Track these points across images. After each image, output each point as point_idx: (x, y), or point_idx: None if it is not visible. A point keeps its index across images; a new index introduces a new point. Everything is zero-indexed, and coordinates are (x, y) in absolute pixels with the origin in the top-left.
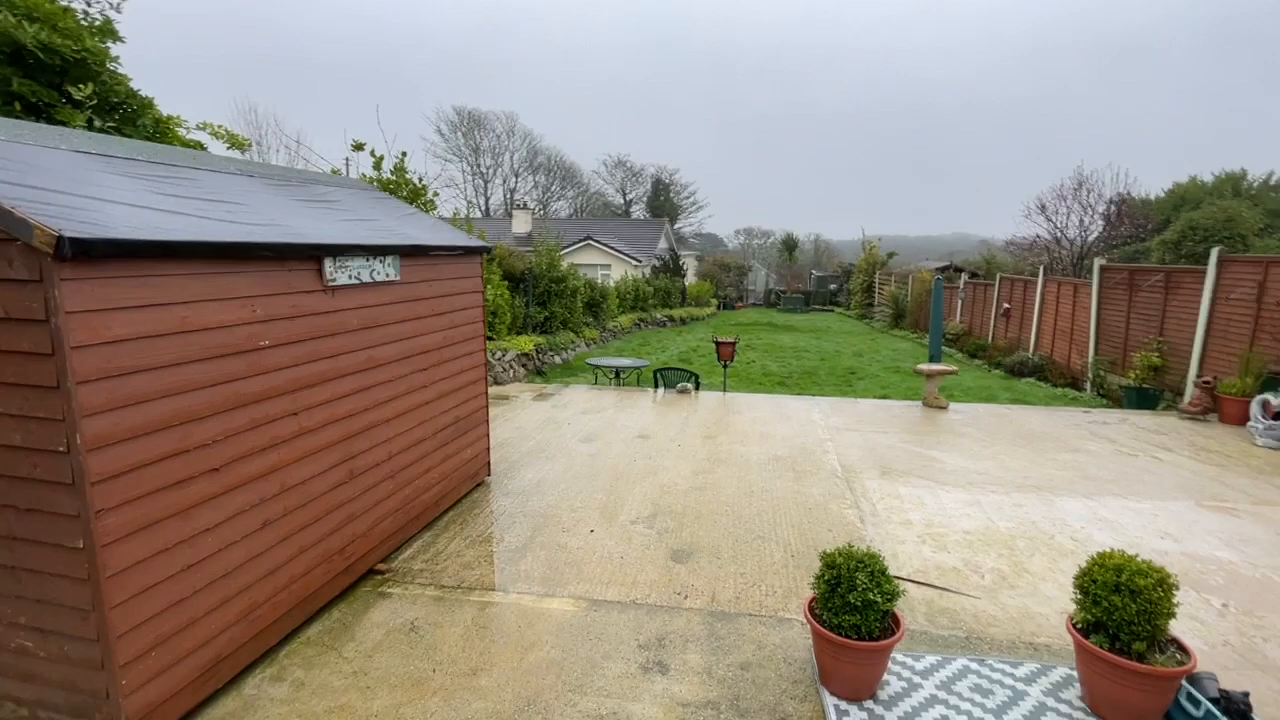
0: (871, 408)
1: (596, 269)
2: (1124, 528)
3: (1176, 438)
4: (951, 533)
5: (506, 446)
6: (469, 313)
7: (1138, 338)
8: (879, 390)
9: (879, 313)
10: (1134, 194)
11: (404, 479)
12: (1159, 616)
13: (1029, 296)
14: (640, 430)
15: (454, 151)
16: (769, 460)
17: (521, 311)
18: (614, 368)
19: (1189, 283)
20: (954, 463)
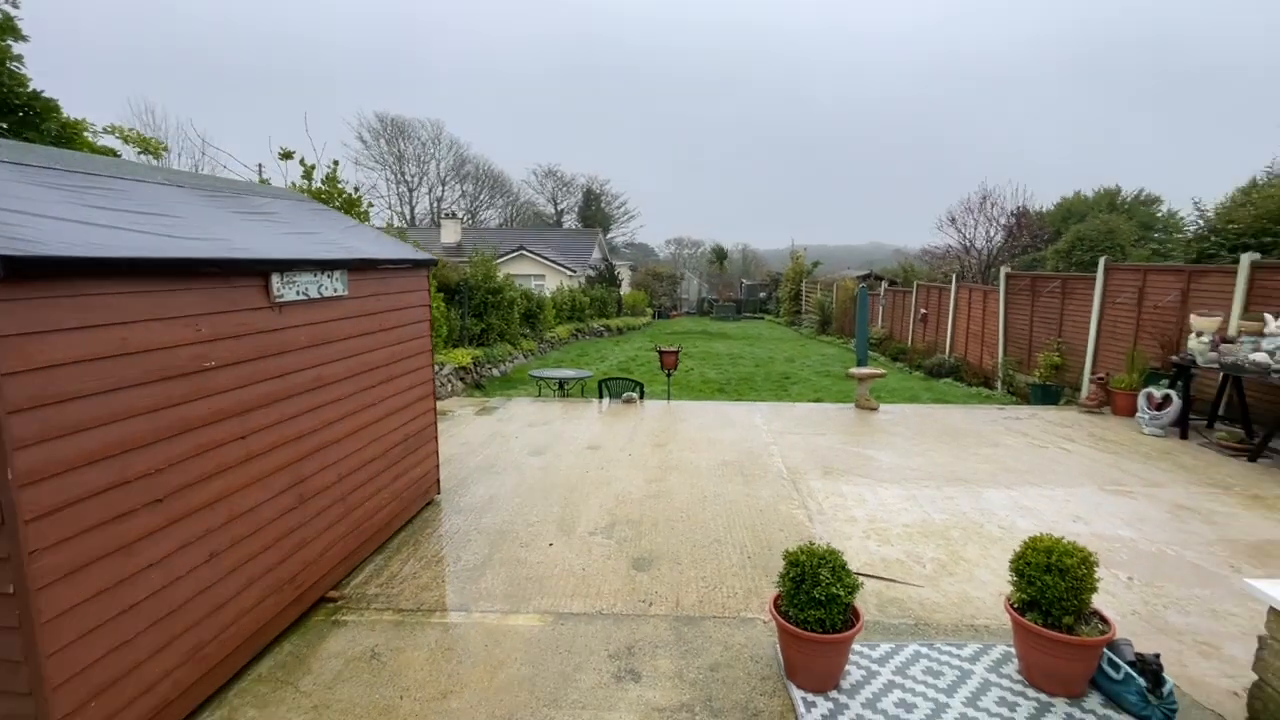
0: (808, 411)
1: (530, 279)
2: (1041, 514)
3: (1078, 430)
4: (893, 527)
5: (454, 463)
6: (416, 327)
7: (1040, 339)
8: (813, 394)
9: (807, 319)
10: (1031, 207)
11: (355, 501)
12: (1084, 592)
13: (944, 302)
14: (590, 441)
15: (377, 159)
16: (718, 465)
17: (458, 324)
18: (558, 379)
19: (1082, 289)
20: (888, 460)
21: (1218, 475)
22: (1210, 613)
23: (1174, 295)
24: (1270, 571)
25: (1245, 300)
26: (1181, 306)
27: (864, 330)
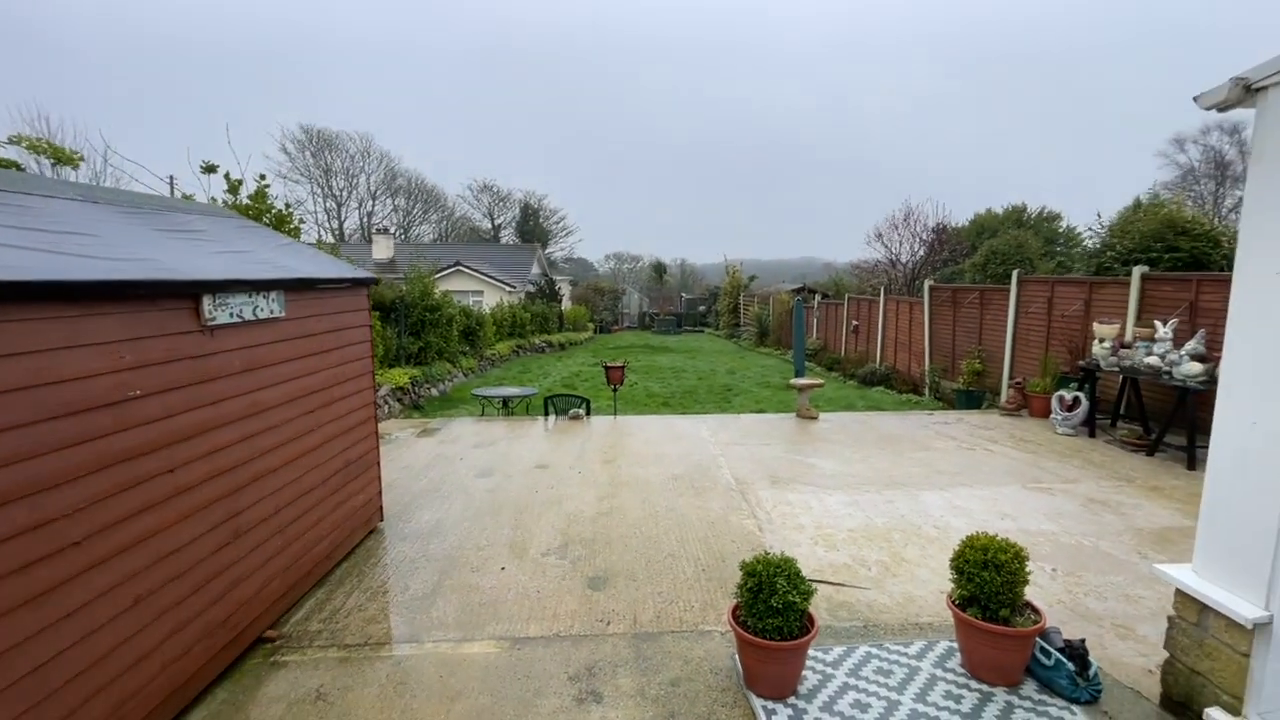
0: (752, 421)
1: (469, 295)
2: (973, 513)
3: (1000, 432)
4: (839, 532)
5: (396, 488)
6: (357, 349)
7: (962, 347)
8: (754, 405)
9: (745, 332)
10: (949, 223)
11: (294, 533)
12: (1018, 585)
13: (873, 314)
14: (538, 460)
15: (302, 171)
16: (669, 479)
17: (394, 343)
18: (501, 397)
19: (998, 300)
20: (831, 468)
21: (1122, 469)
22: (1124, 597)
23: (1078, 305)
24: (1172, 556)
25: (1138, 308)
26: (1085, 315)
27: (801, 342)
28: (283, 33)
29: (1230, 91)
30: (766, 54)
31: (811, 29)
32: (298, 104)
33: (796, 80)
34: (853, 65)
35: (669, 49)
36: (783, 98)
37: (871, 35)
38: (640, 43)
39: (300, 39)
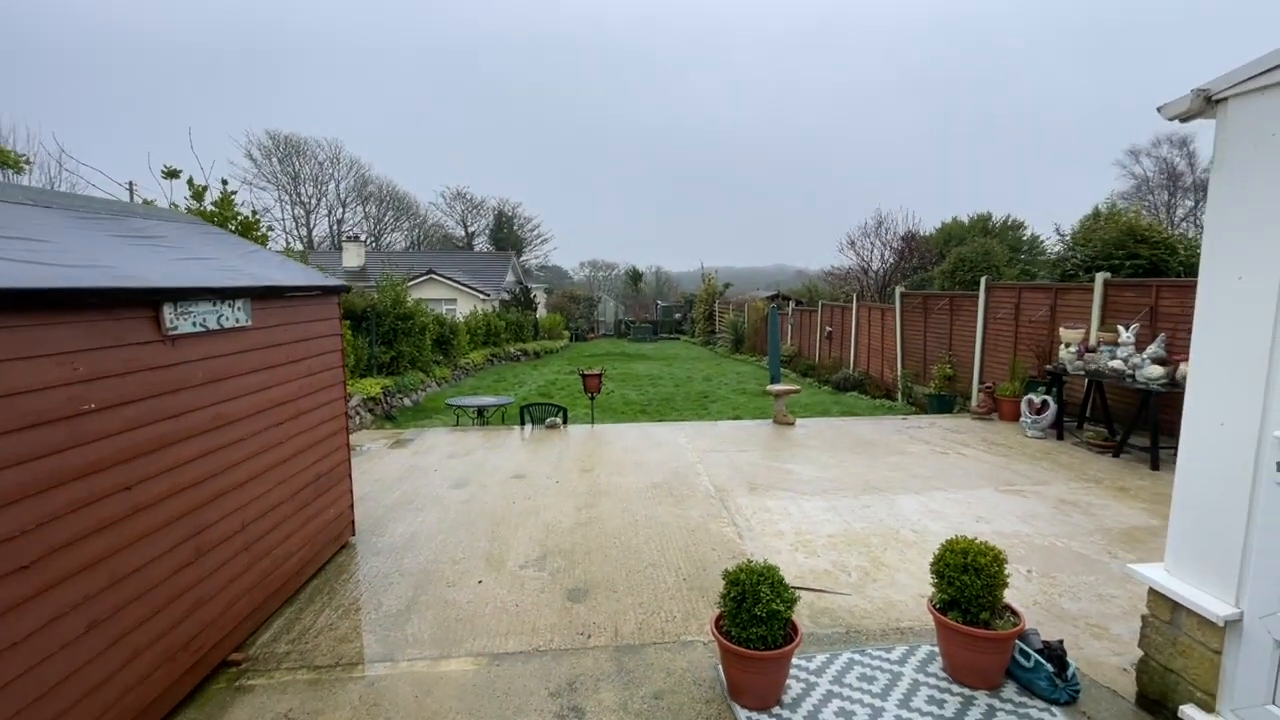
0: (730, 428)
1: (442, 304)
2: (948, 516)
3: (971, 435)
4: (818, 538)
5: (368, 501)
6: (327, 358)
7: (934, 353)
8: (731, 412)
9: (721, 339)
10: (919, 231)
11: (261, 550)
12: (997, 588)
13: (847, 320)
14: (514, 470)
15: (269, 178)
16: (647, 488)
17: (365, 352)
18: (476, 407)
19: (967, 306)
20: (808, 473)
21: (1090, 471)
22: (1097, 597)
23: (1044, 310)
24: (1141, 555)
25: (1101, 313)
26: (1051, 320)
27: (776, 349)
28: (242, 35)
29: (1192, 103)
30: (732, 59)
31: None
32: (262, 109)
33: (767, 89)
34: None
35: (634, 56)
36: (749, 107)
37: (829, 46)
38: (604, 50)
39: (262, 42)
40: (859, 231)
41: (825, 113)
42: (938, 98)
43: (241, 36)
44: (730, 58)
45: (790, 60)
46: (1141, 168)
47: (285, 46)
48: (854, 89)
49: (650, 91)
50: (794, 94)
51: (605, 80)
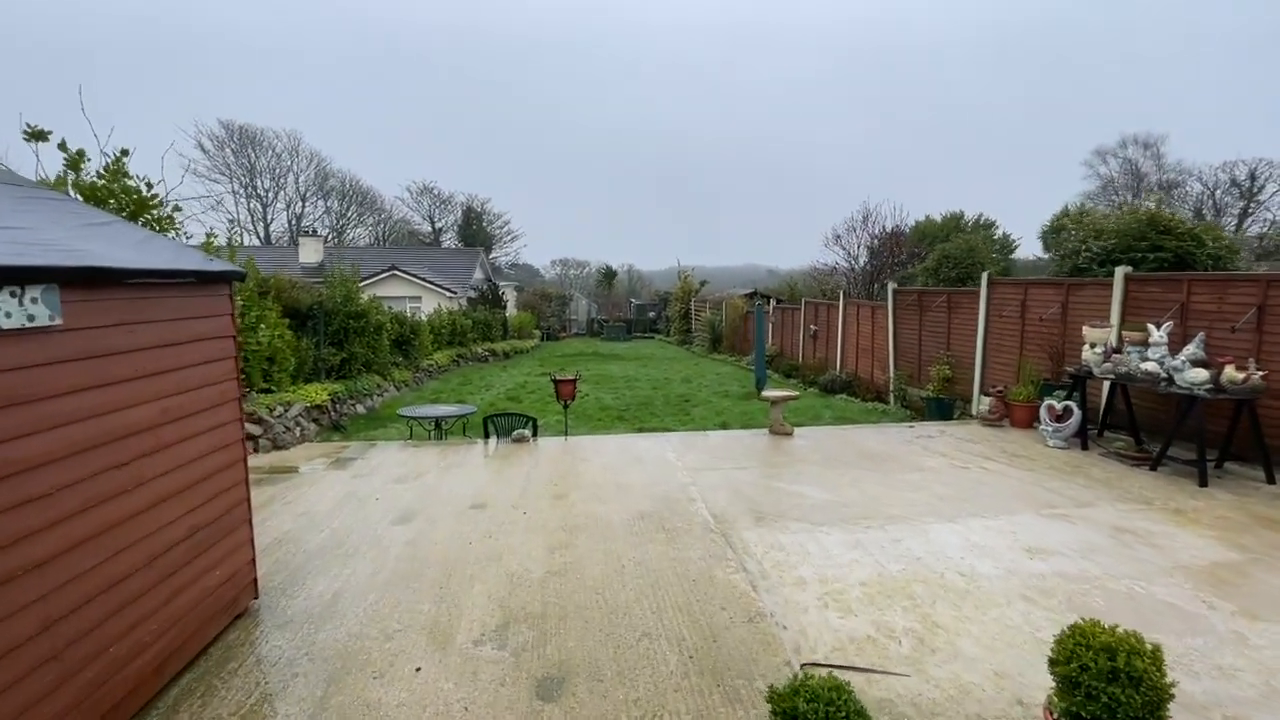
0: (722, 440)
1: (405, 301)
2: (996, 552)
3: (988, 446)
4: (849, 588)
5: (287, 545)
6: (211, 369)
7: (929, 353)
8: (716, 417)
9: (698, 338)
10: (906, 226)
11: (85, 652)
12: (1163, 705)
13: (833, 319)
14: (474, 497)
15: (222, 170)
16: (634, 519)
17: (311, 354)
18: (432, 418)
19: (967, 303)
20: (819, 496)
21: (1132, 488)
22: (1218, 671)
23: (1055, 308)
24: (1242, 604)
25: (1122, 311)
26: (1063, 318)
27: (762, 350)
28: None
29: None
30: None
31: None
32: (213, 102)
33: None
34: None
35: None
36: (711, 105)
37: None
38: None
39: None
40: (844, 226)
41: (788, 111)
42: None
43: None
44: (681, 58)
45: (739, 57)
46: (1108, 168)
47: (238, 42)
48: (802, 87)
49: (613, 89)
50: (749, 91)
51: (563, 80)
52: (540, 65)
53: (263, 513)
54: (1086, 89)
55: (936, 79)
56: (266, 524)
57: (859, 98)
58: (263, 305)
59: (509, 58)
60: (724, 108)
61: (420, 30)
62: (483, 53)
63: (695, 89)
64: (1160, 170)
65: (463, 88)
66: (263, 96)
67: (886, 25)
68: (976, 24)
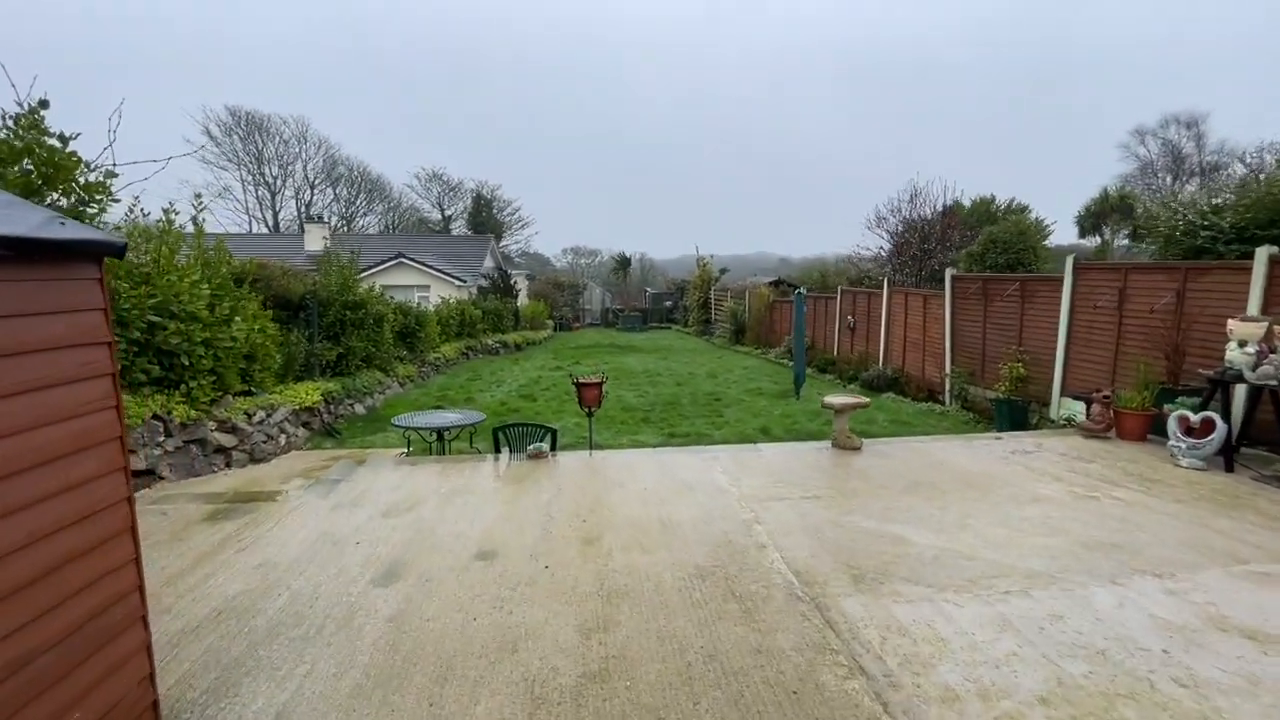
0: (779, 457)
1: (413, 290)
2: (1204, 638)
3: (1107, 465)
4: (1026, 710)
5: (229, 620)
6: (58, 397)
7: (996, 348)
8: (752, 419)
9: (719, 329)
10: (963, 204)
11: None
12: None
13: (874, 309)
14: (480, 540)
15: (229, 157)
16: (691, 578)
17: (302, 349)
18: (433, 428)
19: (1045, 291)
20: (926, 541)
21: None
22: None
23: (1169, 297)
24: None
25: (1264, 300)
26: (1177, 309)
27: (802, 344)
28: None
29: None
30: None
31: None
32: (217, 84)
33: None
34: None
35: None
36: (724, 90)
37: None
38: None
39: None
40: (888, 208)
41: (798, 97)
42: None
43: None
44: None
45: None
46: (1147, 149)
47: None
48: (808, 74)
49: (631, 79)
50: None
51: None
52: (551, 53)
53: (208, 565)
54: (1105, 66)
55: (944, 61)
56: (209, 584)
57: (872, 85)
58: (238, 295)
59: (520, 43)
60: (730, 92)
61: (428, 14)
62: (493, 39)
63: (697, 73)
64: (1201, 151)
65: (471, 72)
66: (265, 82)
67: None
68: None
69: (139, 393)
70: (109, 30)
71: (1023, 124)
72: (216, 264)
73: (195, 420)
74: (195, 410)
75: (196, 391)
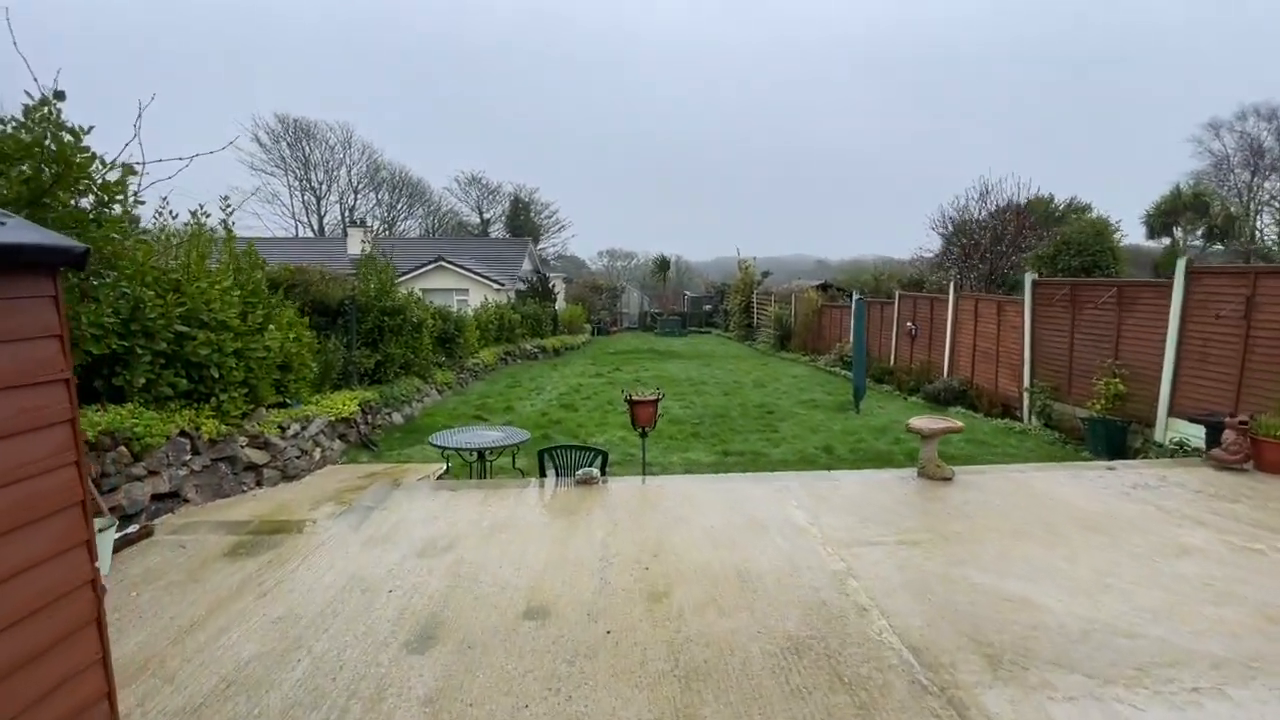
0: (859, 488)
1: (452, 294)
2: None
3: (1256, 506)
4: None
5: (236, 696)
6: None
7: (1086, 360)
8: (811, 436)
9: (761, 334)
10: (1037, 196)
11: None
12: None
13: (938, 315)
14: (529, 592)
15: (277, 163)
16: (784, 653)
17: (340, 357)
18: (474, 449)
19: (1148, 298)
20: (1062, 605)
21: None
22: None
23: None
24: None
25: None
26: None
27: (863, 354)
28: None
29: None
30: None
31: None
32: (267, 91)
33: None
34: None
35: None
36: (757, 92)
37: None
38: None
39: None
40: (953, 206)
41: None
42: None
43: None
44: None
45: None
46: (1221, 144)
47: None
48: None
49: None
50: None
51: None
52: (584, 53)
53: (223, 615)
54: (1169, 59)
55: (989, 55)
56: (221, 642)
57: (910, 85)
58: (272, 302)
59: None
60: (769, 96)
61: (465, 18)
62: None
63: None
64: None
65: (508, 75)
66: (311, 88)
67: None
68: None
69: (165, 407)
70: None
71: (1073, 121)
72: (249, 269)
73: (225, 436)
74: (226, 425)
75: (228, 405)
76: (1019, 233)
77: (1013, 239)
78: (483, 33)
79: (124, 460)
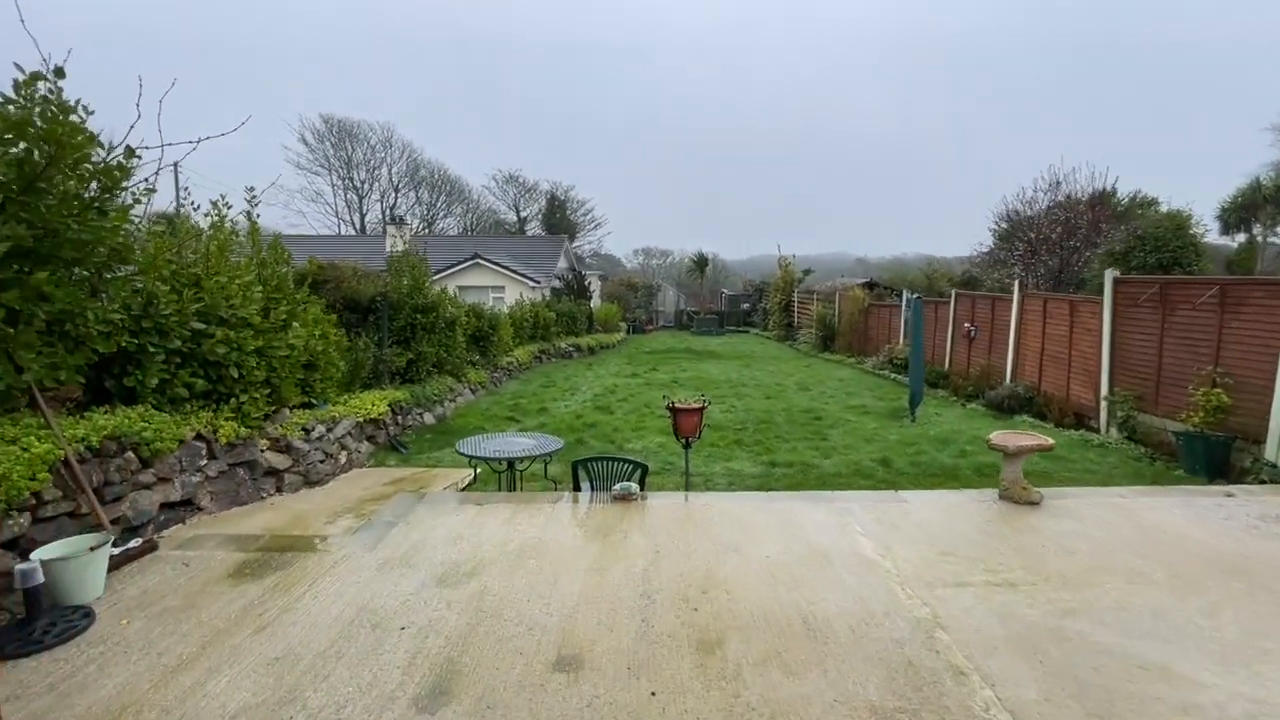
0: (933, 512)
1: (488, 291)
2: None
3: None
4: None
5: None
6: None
7: (1178, 368)
8: (865, 446)
9: (803, 334)
10: (1114, 193)
11: None
12: None
13: (999, 315)
14: (560, 639)
15: (322, 163)
16: None
17: (370, 355)
18: (503, 458)
19: (1259, 298)
20: (1216, 679)
21: None
22: None
23: None
24: None
25: None
26: None
27: (920, 358)
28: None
29: None
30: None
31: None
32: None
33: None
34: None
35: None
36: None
37: None
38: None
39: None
40: (1020, 200)
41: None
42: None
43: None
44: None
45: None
46: None
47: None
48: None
49: (697, 76)
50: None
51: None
52: (616, 49)
53: (215, 653)
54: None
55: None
56: (208, 688)
57: (953, 75)
58: (296, 298)
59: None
60: (797, 94)
61: (505, 17)
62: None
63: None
64: None
65: (545, 72)
66: (350, 88)
67: None
68: None
69: (181, 409)
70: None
71: (1134, 109)
72: (273, 263)
73: (244, 439)
74: (246, 427)
75: (248, 406)
76: (1094, 226)
77: (1086, 234)
78: (533, 27)
79: (131, 467)
